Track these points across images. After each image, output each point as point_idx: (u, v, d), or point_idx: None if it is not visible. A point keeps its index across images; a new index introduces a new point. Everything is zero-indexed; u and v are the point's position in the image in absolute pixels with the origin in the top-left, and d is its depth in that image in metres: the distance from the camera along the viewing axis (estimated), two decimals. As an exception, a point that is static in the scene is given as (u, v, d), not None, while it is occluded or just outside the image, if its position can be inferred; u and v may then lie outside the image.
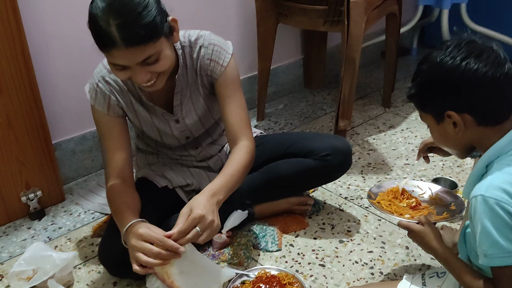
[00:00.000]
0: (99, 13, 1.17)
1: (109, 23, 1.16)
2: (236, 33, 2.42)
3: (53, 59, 1.86)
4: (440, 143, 1.14)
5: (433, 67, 1.04)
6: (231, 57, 1.45)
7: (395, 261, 1.55)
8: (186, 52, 1.43)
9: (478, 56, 0.99)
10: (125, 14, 1.16)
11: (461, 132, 1.04)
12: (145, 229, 1.23)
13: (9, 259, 1.63)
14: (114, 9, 1.16)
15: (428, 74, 1.06)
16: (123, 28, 1.16)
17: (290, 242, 1.65)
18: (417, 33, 3.29)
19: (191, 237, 1.19)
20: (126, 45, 1.17)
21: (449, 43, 1.04)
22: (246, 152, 1.42)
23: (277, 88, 2.73)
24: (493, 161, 1.01)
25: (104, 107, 1.44)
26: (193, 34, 1.44)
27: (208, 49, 1.43)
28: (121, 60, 1.21)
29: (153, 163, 1.67)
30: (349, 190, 1.92)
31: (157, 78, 1.30)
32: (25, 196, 1.79)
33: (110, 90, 1.43)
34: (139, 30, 1.17)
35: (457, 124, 1.03)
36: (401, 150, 2.19)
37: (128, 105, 1.47)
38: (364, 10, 2.01)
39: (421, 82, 1.08)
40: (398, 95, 2.72)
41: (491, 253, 0.96)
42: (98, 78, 1.43)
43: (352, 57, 2.06)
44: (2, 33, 1.59)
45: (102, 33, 1.18)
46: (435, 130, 1.10)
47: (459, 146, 1.09)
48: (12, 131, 1.71)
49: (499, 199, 0.94)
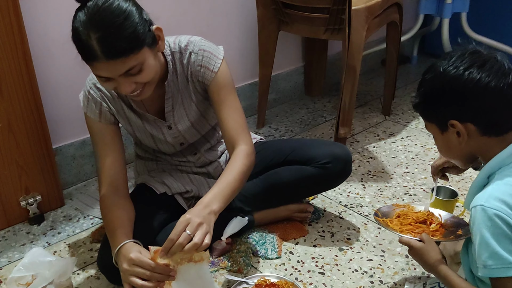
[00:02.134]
0: (80, 26, 1.18)
1: (90, 37, 1.16)
2: (238, 40, 2.42)
3: (54, 64, 1.86)
4: (443, 153, 1.14)
5: (437, 76, 1.05)
6: (222, 62, 1.44)
7: (395, 269, 1.55)
8: (176, 58, 1.43)
9: (481, 66, 0.99)
10: (105, 27, 1.16)
11: (464, 141, 1.04)
12: (136, 253, 1.22)
13: (8, 264, 1.63)
14: (94, 23, 1.16)
15: (432, 83, 1.06)
16: (103, 41, 1.16)
17: (289, 250, 1.65)
18: (417, 41, 3.30)
19: (182, 241, 1.17)
20: (107, 58, 1.18)
21: (453, 53, 1.04)
22: (244, 157, 1.40)
23: (278, 95, 2.73)
24: (495, 172, 1.01)
25: (96, 114, 1.44)
26: (184, 40, 1.44)
27: (198, 55, 1.42)
28: (103, 72, 1.22)
29: (153, 170, 1.67)
30: (349, 198, 1.91)
31: (143, 88, 1.29)
32: (24, 200, 1.79)
33: (101, 97, 1.44)
34: (120, 42, 1.17)
35: (460, 134, 1.03)
36: (401, 158, 2.20)
37: (119, 112, 1.47)
38: (365, 19, 2.02)
39: (425, 91, 1.08)
40: (398, 103, 2.73)
41: (490, 264, 0.96)
42: (90, 85, 1.44)
43: (353, 65, 2.06)
44: (4, 37, 1.59)
45: (83, 47, 1.19)
46: (439, 140, 1.11)
47: (462, 155, 1.09)
48: (12, 136, 1.70)
49: (499, 210, 0.94)
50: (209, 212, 1.24)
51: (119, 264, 1.27)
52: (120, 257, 1.26)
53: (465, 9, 2.88)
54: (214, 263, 1.58)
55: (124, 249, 1.27)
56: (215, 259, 1.59)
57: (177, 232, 1.18)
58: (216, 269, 1.55)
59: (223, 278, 1.52)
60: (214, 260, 1.59)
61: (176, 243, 1.18)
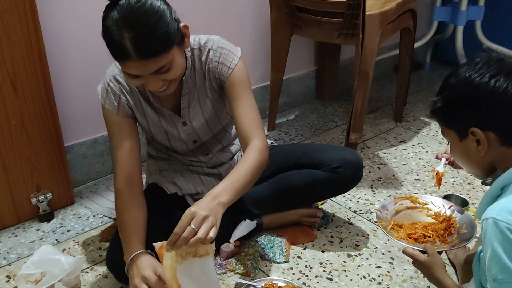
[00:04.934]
0: (113, 25, 1.18)
1: (123, 36, 1.17)
2: (250, 43, 2.43)
3: (68, 62, 1.87)
4: (461, 161, 1.12)
5: (461, 82, 1.02)
6: (240, 60, 1.45)
7: (403, 277, 1.54)
8: (195, 55, 1.44)
9: (508, 74, 0.97)
10: (139, 27, 1.17)
11: (483, 150, 1.02)
12: (150, 272, 1.21)
13: (17, 260, 1.64)
14: (128, 22, 1.17)
15: (455, 89, 1.03)
16: (137, 41, 1.17)
17: (297, 254, 1.64)
18: (430, 48, 3.28)
19: (187, 235, 1.15)
20: (139, 58, 1.19)
21: (478, 59, 1.02)
22: (257, 153, 1.38)
23: (289, 99, 2.73)
24: (510, 184, 0.99)
25: (114, 106, 1.45)
26: (203, 37, 1.46)
27: (217, 52, 1.43)
28: (134, 71, 1.24)
29: (164, 170, 1.67)
30: (358, 204, 1.91)
31: (169, 84, 1.32)
32: (35, 197, 1.80)
33: (120, 89, 1.44)
34: (153, 43, 1.19)
35: (480, 142, 1.01)
36: (411, 165, 2.18)
37: (137, 105, 1.47)
38: (379, 24, 2.01)
39: (449, 96, 1.05)
40: (410, 110, 2.72)
41: (500, 278, 0.94)
42: (110, 77, 1.45)
43: (366, 71, 2.06)
44: (20, 35, 1.61)
45: (116, 46, 1.19)
46: (457, 147, 1.08)
47: (480, 165, 1.07)
48: (25, 133, 1.72)
49: (511, 224, 0.92)
50: (217, 203, 1.21)
51: (129, 273, 1.27)
52: (133, 268, 1.25)
53: (480, 17, 2.86)
54: (222, 265, 1.57)
55: (139, 261, 1.26)
56: (223, 261, 1.59)
57: (182, 226, 1.16)
58: (224, 271, 1.55)
59: (230, 281, 1.52)
60: (222, 263, 1.58)
61: (181, 237, 1.16)
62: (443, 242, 1.30)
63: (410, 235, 1.32)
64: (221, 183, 1.29)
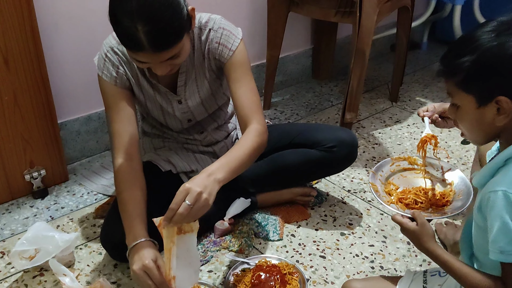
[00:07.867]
0: (125, 16, 1.15)
1: (137, 29, 1.15)
2: (246, 20, 2.40)
3: (61, 38, 1.85)
4: (467, 127, 1.05)
5: (496, 47, 0.95)
6: (240, 42, 1.43)
7: (396, 256, 1.55)
8: (195, 33, 1.42)
9: None
10: (155, 22, 1.15)
11: (503, 120, 0.97)
12: (151, 262, 1.19)
13: (11, 237, 1.64)
14: (142, 14, 1.14)
15: (490, 53, 0.96)
16: (151, 35, 1.16)
17: (291, 232, 1.65)
18: (428, 27, 3.26)
19: (182, 211, 1.14)
20: (154, 50, 1.18)
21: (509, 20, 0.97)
22: (256, 135, 1.37)
23: (285, 77, 2.71)
24: None
25: (112, 77, 1.42)
26: (204, 17, 1.43)
27: (217, 33, 1.42)
28: (146, 60, 1.23)
29: (159, 147, 1.66)
30: (352, 183, 1.91)
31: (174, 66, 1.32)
32: (29, 174, 1.79)
33: (118, 60, 1.42)
34: (168, 36, 1.18)
35: (501, 111, 0.96)
36: (406, 145, 2.19)
37: (134, 78, 1.46)
38: (377, 2, 1.99)
39: (478, 60, 0.97)
40: (406, 90, 2.71)
41: (508, 250, 0.94)
42: (107, 48, 1.42)
43: (362, 49, 2.04)
44: (12, 10, 1.58)
45: (129, 37, 1.17)
46: (470, 113, 1.01)
47: (487, 133, 1.02)
48: (18, 109, 1.70)
49: None
50: (212, 180, 1.20)
51: (131, 258, 1.24)
52: (135, 255, 1.22)
53: (478, -5, 2.83)
54: (216, 243, 1.58)
55: (142, 249, 1.22)
56: (217, 239, 1.60)
57: (177, 202, 1.15)
58: (218, 249, 1.56)
59: (224, 258, 1.53)
60: (216, 240, 1.59)
61: (177, 213, 1.15)
62: (436, 209, 1.25)
63: (401, 200, 1.27)
64: (217, 161, 1.28)
